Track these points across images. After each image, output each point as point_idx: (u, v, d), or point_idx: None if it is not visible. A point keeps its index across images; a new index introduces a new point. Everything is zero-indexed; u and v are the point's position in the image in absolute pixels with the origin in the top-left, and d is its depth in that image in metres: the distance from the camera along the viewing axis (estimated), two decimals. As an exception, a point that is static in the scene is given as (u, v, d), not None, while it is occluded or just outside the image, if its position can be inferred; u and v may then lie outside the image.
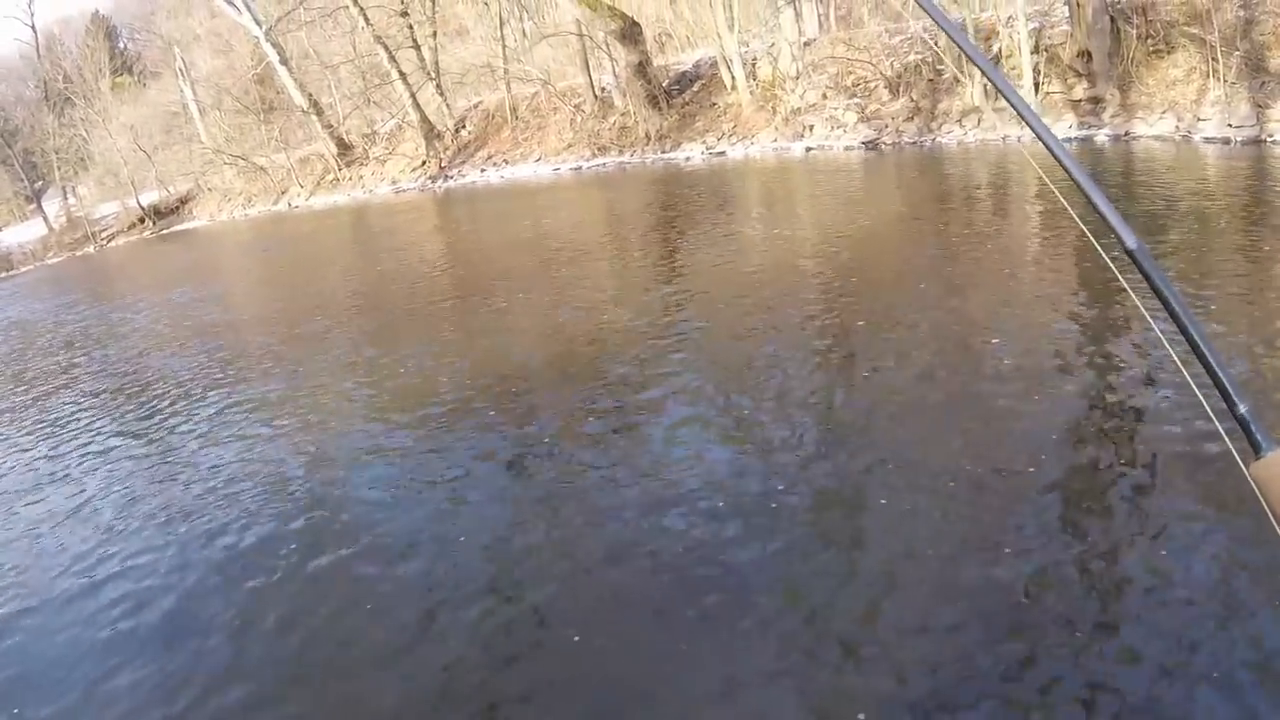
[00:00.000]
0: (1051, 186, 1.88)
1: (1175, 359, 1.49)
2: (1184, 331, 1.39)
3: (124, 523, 6.59)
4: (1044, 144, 1.54)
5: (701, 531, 4.99)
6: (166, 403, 9.60)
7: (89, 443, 8.82)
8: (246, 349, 11.56)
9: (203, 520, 6.33)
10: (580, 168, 22.11)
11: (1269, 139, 13.82)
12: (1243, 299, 7.33)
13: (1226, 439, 1.40)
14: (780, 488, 5.33)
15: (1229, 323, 6.81)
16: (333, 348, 10.57)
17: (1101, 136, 16.18)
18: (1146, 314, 1.56)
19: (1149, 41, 16.96)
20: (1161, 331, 1.59)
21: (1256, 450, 1.31)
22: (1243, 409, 1.33)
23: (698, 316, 9.01)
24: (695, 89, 21.68)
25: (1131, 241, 1.43)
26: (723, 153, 20.20)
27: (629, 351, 8.24)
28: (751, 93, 20.47)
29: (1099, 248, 1.66)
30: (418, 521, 5.74)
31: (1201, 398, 1.43)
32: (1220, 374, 1.35)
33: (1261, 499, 1.30)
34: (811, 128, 19.54)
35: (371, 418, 7.81)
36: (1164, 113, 16.03)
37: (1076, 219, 1.82)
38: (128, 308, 17.60)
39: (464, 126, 25.21)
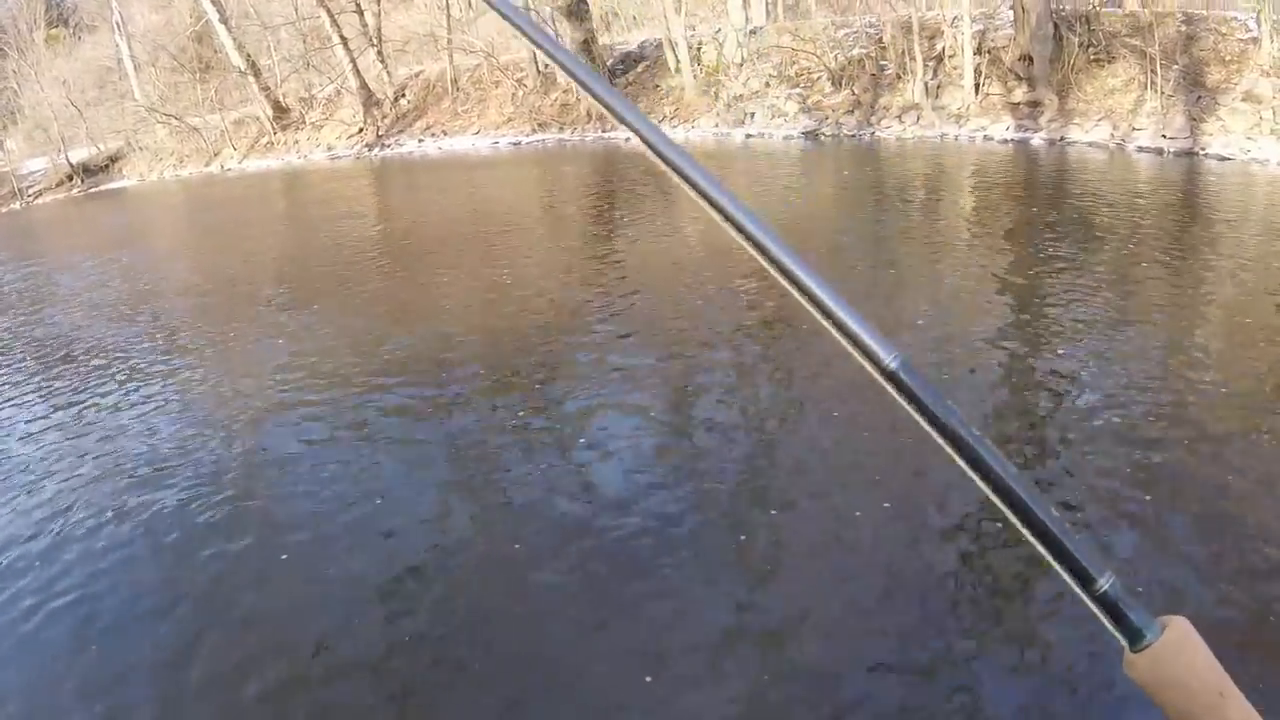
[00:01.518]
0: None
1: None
2: (997, 489, 0.87)
3: (40, 491, 6.23)
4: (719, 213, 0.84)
5: (624, 514, 4.91)
6: (87, 369, 9.16)
7: (6, 405, 8.38)
8: (174, 314, 11.13)
9: (119, 488, 6.03)
10: (520, 143, 21.74)
11: (1201, 151, 14.01)
12: (1162, 310, 7.38)
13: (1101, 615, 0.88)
14: (705, 470, 5.29)
15: (1147, 334, 6.85)
16: (261, 317, 10.22)
17: (1037, 140, 16.30)
18: None
19: (1090, 50, 17.14)
20: None
21: (1133, 640, 0.86)
22: (1104, 584, 0.87)
23: (630, 296, 8.96)
24: (639, 70, 21.44)
25: (892, 360, 0.87)
26: (663, 135, 19.98)
27: (560, 329, 8.18)
28: (695, 77, 20.28)
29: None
30: (337, 495, 5.56)
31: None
32: (1062, 538, 0.86)
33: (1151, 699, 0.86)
34: (752, 115, 19.41)
35: (297, 388, 7.57)
36: (1100, 120, 16.21)
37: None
38: (53, 269, 16.80)
39: (403, 95, 24.63)
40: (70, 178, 35.31)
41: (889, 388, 0.87)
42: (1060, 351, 6.63)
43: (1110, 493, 4.68)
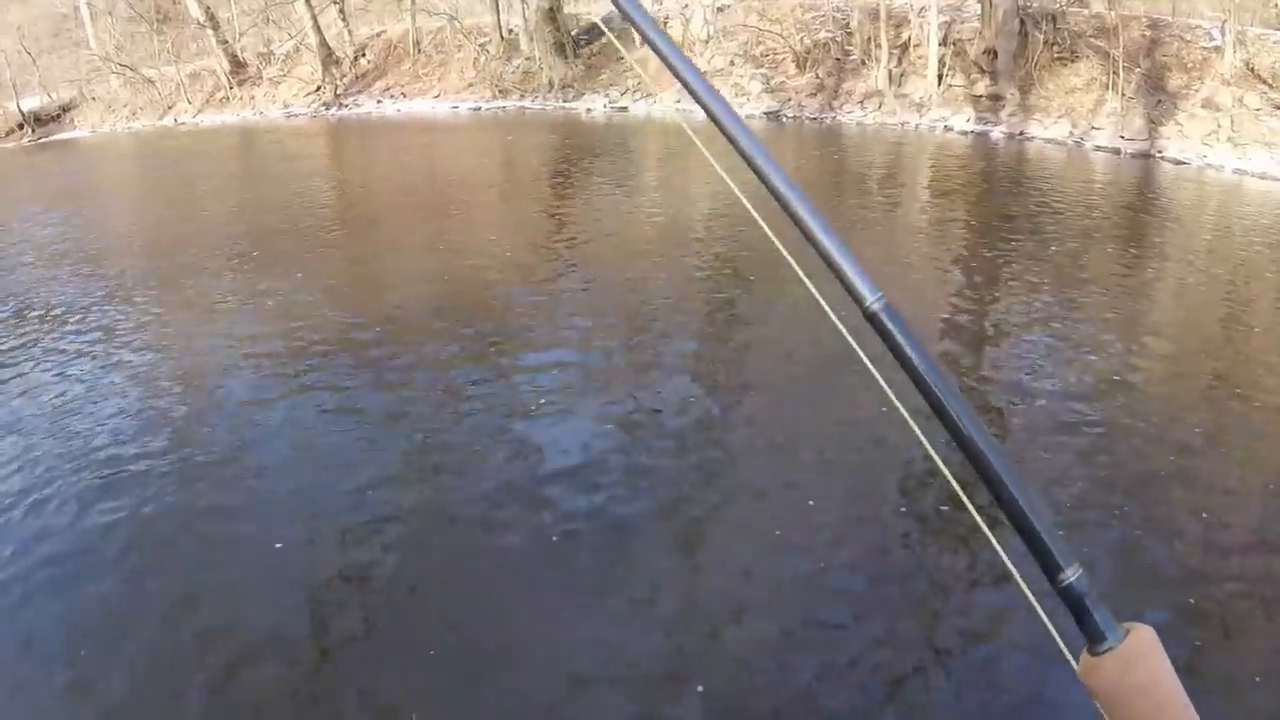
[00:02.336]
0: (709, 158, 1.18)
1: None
2: (971, 455, 0.86)
3: None
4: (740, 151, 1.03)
5: (570, 488, 4.84)
6: (31, 327, 8.72)
7: None
8: (119, 273, 10.69)
9: (68, 451, 5.77)
10: (480, 108, 21.37)
11: (1158, 154, 14.09)
12: (1112, 305, 7.38)
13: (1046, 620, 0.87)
14: (654, 435, 5.27)
15: (1098, 325, 6.82)
16: (211, 275, 9.87)
17: (997, 133, 16.31)
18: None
19: (1054, 48, 17.18)
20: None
21: (1093, 640, 0.82)
22: (1071, 575, 0.83)
23: (583, 269, 8.88)
24: (604, 41, 21.13)
25: (875, 301, 0.93)
26: (625, 108, 19.75)
27: (511, 298, 8.07)
28: (660, 51, 20.05)
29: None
30: (279, 461, 5.43)
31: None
32: (1034, 522, 0.83)
33: (1099, 708, 0.81)
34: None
35: (243, 350, 7.35)
36: (1060, 117, 16.26)
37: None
38: (3, 220, 16.24)
39: (364, 55, 24.12)
40: (21, 126, 34.23)
41: (871, 328, 0.92)
42: (1009, 340, 6.61)
43: (1056, 472, 4.67)
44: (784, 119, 18.19)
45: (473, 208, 12.21)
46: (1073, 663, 0.83)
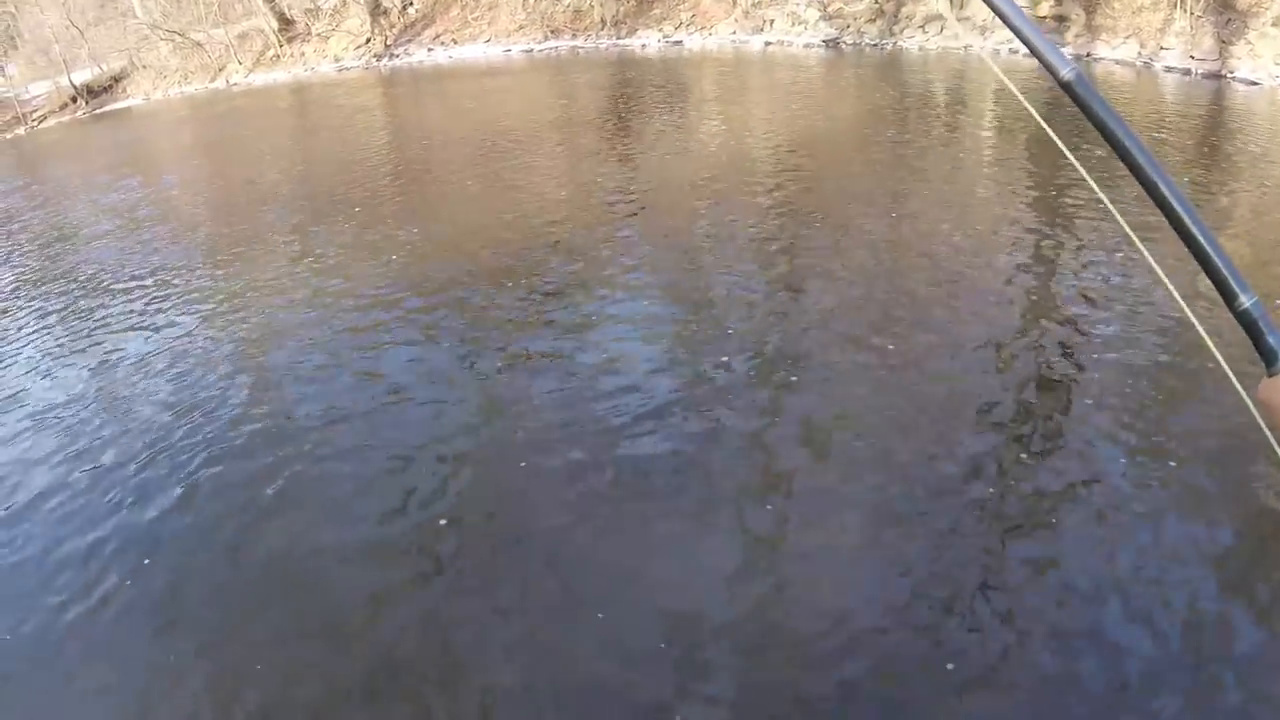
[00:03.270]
0: (1014, 90, 1.39)
1: (1147, 256, 1.20)
2: (1152, 194, 1.00)
3: (66, 418, 6.17)
4: None
5: (636, 422, 4.85)
6: (113, 295, 8.95)
7: (33, 335, 8.24)
8: (188, 236, 10.91)
9: (145, 412, 5.99)
10: (531, 50, 21.26)
11: (1229, 74, 13.65)
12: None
13: (1216, 354, 1.01)
14: (717, 382, 5.18)
15: (1172, 248, 6.56)
16: (276, 234, 10.03)
17: (1063, 53, 15.91)
18: (1112, 208, 1.22)
19: (1119, -35, 16.67)
20: (1130, 227, 1.23)
21: (1270, 362, 0.92)
22: (1246, 301, 0.94)
23: (645, 208, 8.76)
24: (655, -25, 20.90)
25: (1067, 71, 1.06)
26: (679, 42, 19.54)
27: (573, 241, 8.02)
28: (713, -18, 19.77)
29: (1061, 144, 1.30)
30: (357, 410, 5.53)
31: (1185, 306, 1.09)
32: (1211, 251, 0.96)
33: (1266, 429, 0.92)
34: (772, 22, 18.95)
35: (313, 304, 7.50)
36: (1128, 38, 15.79)
37: (1039, 120, 1.35)
38: (64, 195, 16.51)
39: (411, 3, 24.07)
40: (74, 99, 34.76)
41: (1066, 95, 1.06)
42: (1083, 263, 6.44)
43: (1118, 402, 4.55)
44: (843, 46, 17.89)
45: (532, 152, 12.14)
46: (1235, 382, 0.95)
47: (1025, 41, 1.10)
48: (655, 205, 8.85)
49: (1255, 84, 13.07)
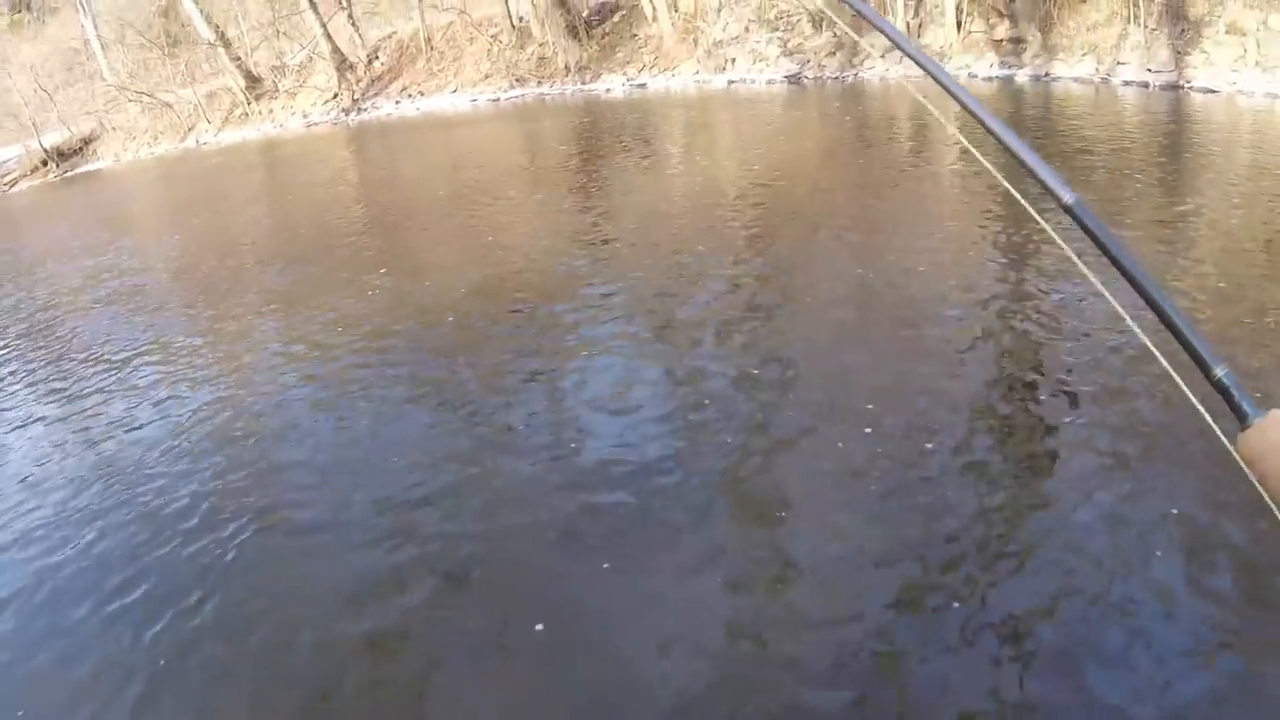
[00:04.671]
0: (961, 139, 1.74)
1: (1123, 315, 1.34)
2: (1140, 290, 1.19)
3: (45, 483, 6.17)
4: (958, 101, 1.43)
5: (618, 470, 4.84)
6: (82, 356, 8.98)
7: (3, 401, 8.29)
8: (153, 293, 10.94)
9: (124, 477, 5.95)
10: (498, 99, 21.43)
11: (1186, 85, 13.84)
12: (1164, 243, 7.21)
13: (1204, 413, 1.18)
14: (694, 423, 5.20)
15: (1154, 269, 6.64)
16: (248, 292, 10.01)
17: (1022, 76, 16.11)
18: (1087, 271, 1.34)
19: (1072, -15, 16.93)
20: (1106, 289, 1.36)
21: (1241, 419, 1.12)
22: (1219, 372, 1.13)
23: (618, 250, 8.80)
24: (615, 20, 21.10)
25: (1068, 196, 1.25)
26: (644, 85, 19.73)
27: (549, 286, 8.05)
28: (673, 24, 19.98)
29: (1025, 204, 1.50)
30: (336, 462, 5.53)
31: (1168, 367, 1.22)
32: (1188, 333, 1.15)
33: (1252, 476, 1.10)
34: (734, 61, 19.15)
35: (289, 359, 7.53)
36: (1084, 55, 16.00)
37: (994, 170, 1.63)
38: (36, 258, 16.52)
39: (377, 57, 24.23)
40: (45, 163, 34.74)
41: (1069, 217, 1.24)
42: (1051, 282, 6.49)
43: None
44: (805, 81, 18.09)
45: (500, 199, 12.17)
46: (1228, 446, 1.12)
47: (1027, 168, 1.29)
48: (625, 245, 8.93)
49: (1213, 91, 13.26)
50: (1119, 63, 15.26)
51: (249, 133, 25.93)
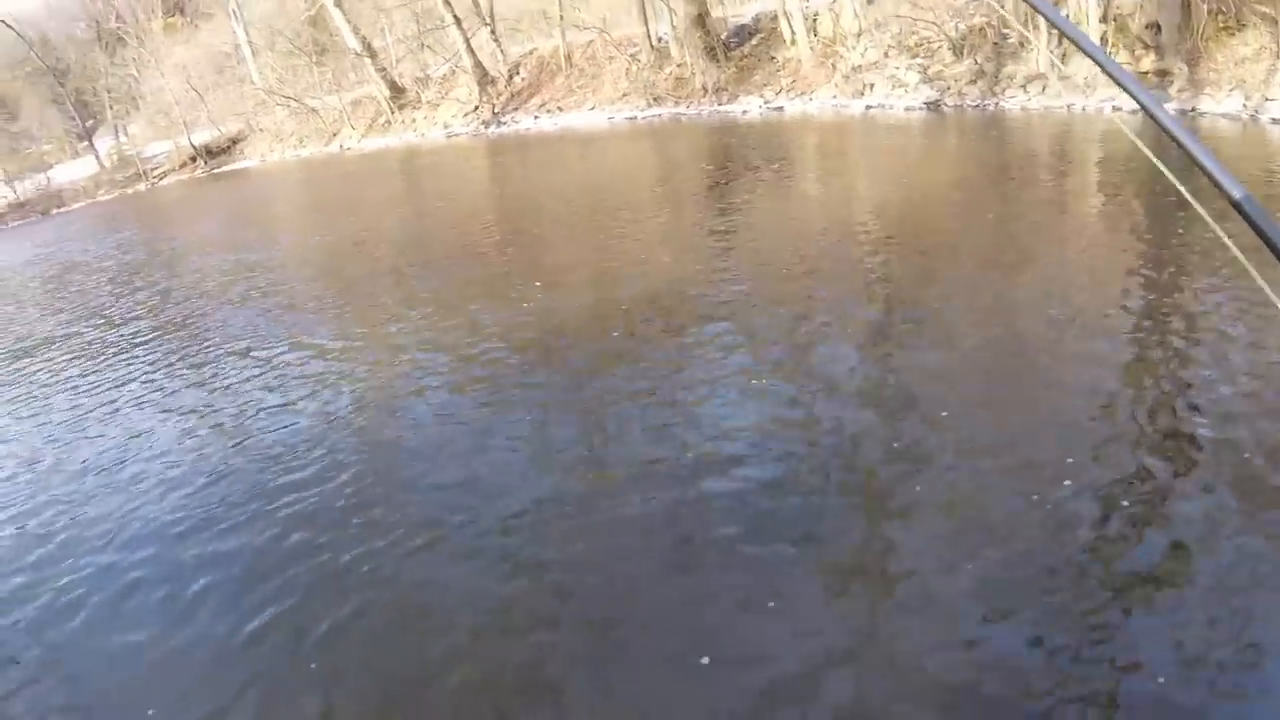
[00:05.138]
0: (1140, 145, 1.61)
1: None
2: None
3: (178, 469, 6.74)
4: (1127, 91, 1.40)
5: (737, 486, 4.99)
6: (224, 349, 9.73)
7: (143, 384, 9.05)
8: (298, 291, 11.75)
9: (254, 461, 6.51)
10: (635, 117, 22.05)
11: None
12: None
13: None
14: (820, 447, 5.29)
15: None
16: (382, 292, 10.70)
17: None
18: (1263, 282, 1.32)
19: (1219, 17, 16.58)
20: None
21: None
22: None
23: (746, 271, 8.94)
24: (754, 42, 21.49)
25: (1237, 192, 1.22)
26: (780, 107, 20.06)
27: (676, 302, 8.23)
28: (811, 48, 20.27)
29: (1195, 203, 1.50)
30: (459, 469, 5.83)
31: None
32: None
33: None
34: (872, 86, 19.34)
35: (416, 364, 7.94)
36: (1232, 90, 15.70)
37: (1166, 171, 1.54)
38: (184, 249, 17.84)
39: (518, 73, 25.19)
40: (193, 159, 37.03)
41: (1238, 213, 1.20)
42: (1200, 322, 6.29)
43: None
44: (944, 108, 18.15)
45: (632, 216, 12.59)
46: None
47: (1199, 164, 1.26)
48: (756, 267, 9.08)
49: (1366, 128, 12.93)
50: (1267, 99, 14.92)
51: (391, 140, 27.19)
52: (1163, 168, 1.51)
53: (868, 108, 19.02)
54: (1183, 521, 4.19)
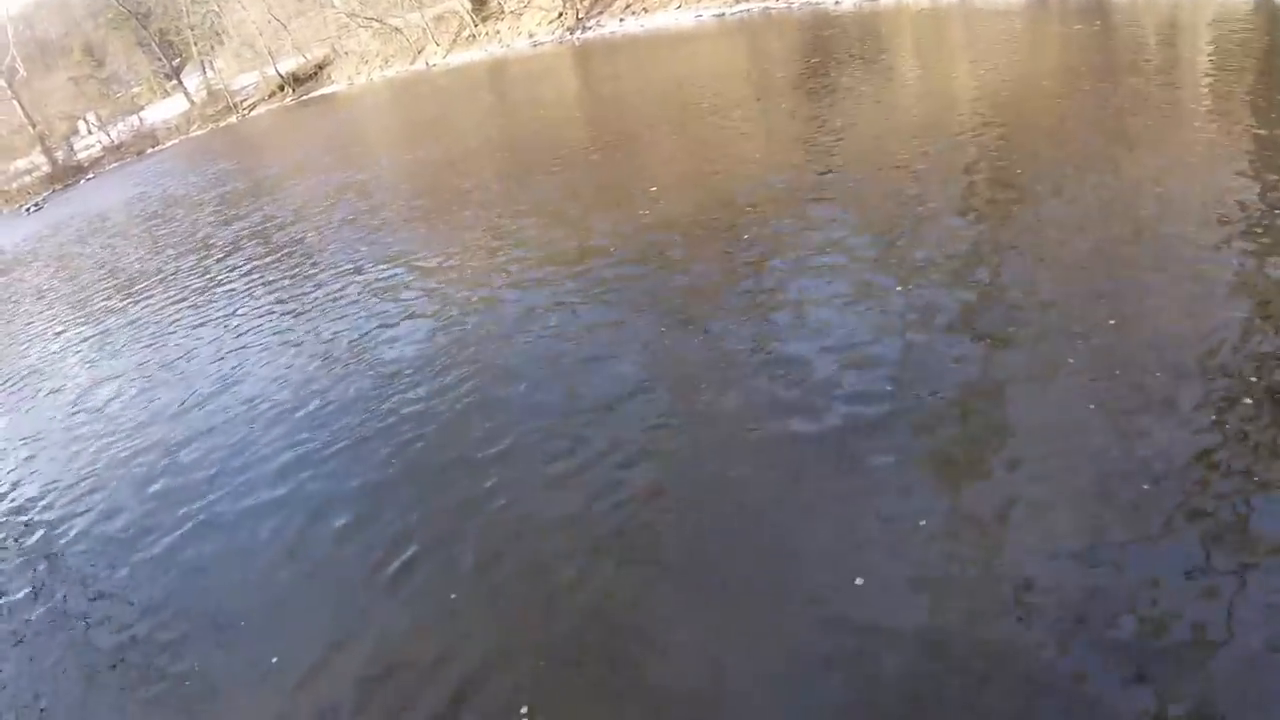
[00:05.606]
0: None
1: None
2: None
3: (290, 395, 7.10)
4: None
5: (829, 407, 4.92)
6: (322, 270, 10.14)
7: (253, 313, 9.49)
8: (392, 211, 12.03)
9: (358, 372, 6.90)
10: (723, 14, 21.64)
11: None
12: None
13: None
14: (916, 373, 5.10)
15: None
16: (476, 206, 10.88)
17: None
18: None
19: None
20: None
21: None
22: None
23: (845, 173, 8.80)
24: (847, -71, 20.76)
25: None
26: (874, -3, 19.49)
27: (774, 209, 8.13)
28: (908, -69, 19.53)
29: None
30: (555, 380, 6.00)
31: None
32: None
33: None
34: (972, -33, 18.62)
35: (514, 275, 8.12)
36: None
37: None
38: (279, 176, 18.39)
39: (602, -24, 24.92)
40: (281, 88, 37.77)
41: None
42: None
43: None
44: (1049, -12, 17.42)
45: (727, 116, 12.45)
46: None
47: None
48: (853, 167, 8.95)
49: None
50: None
51: (476, 54, 27.25)
52: None
53: (968, -11, 18.34)
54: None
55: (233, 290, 10.57)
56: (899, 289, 6.06)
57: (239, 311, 9.65)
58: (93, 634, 4.95)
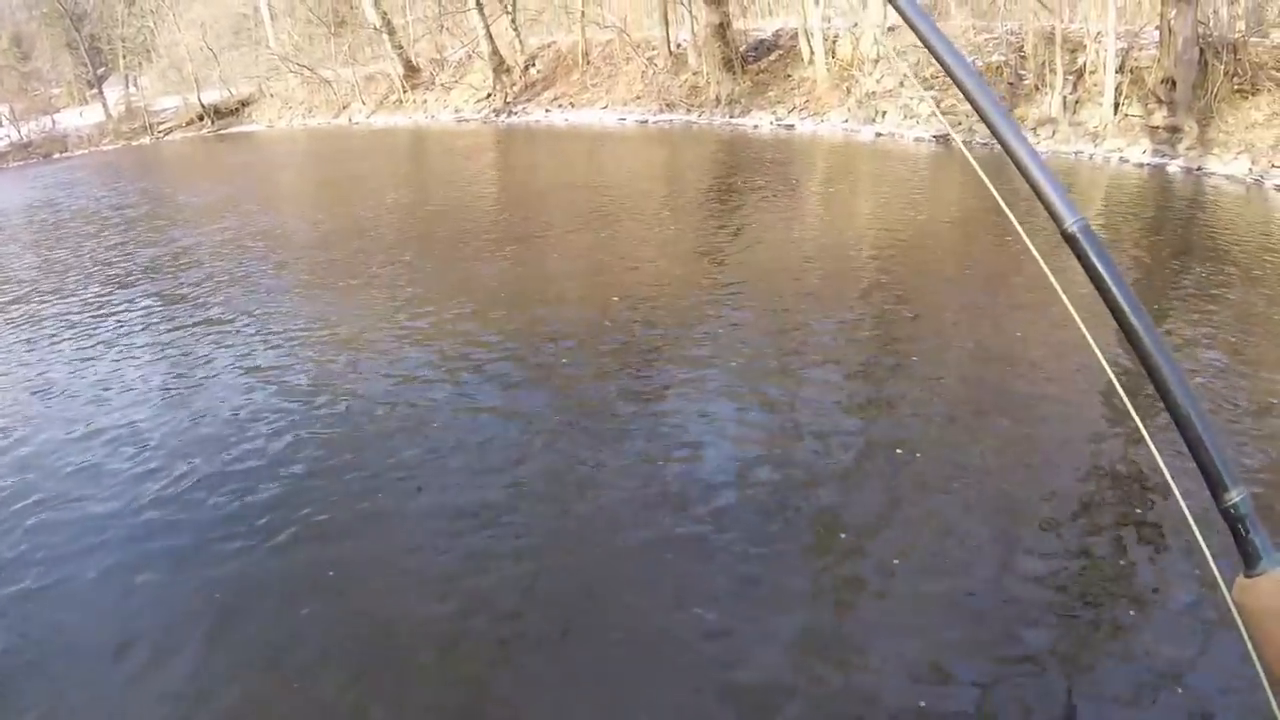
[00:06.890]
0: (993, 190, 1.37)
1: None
2: (1145, 361, 0.96)
3: (140, 437, 6.64)
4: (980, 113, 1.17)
5: (712, 513, 4.94)
6: (197, 310, 9.78)
7: (119, 347, 8.98)
8: (286, 265, 11.71)
9: (216, 450, 6.33)
10: (646, 121, 22.04)
11: None
12: None
13: (1202, 544, 0.94)
14: (800, 477, 5.25)
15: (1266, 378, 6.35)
16: (372, 275, 10.66)
17: (1173, 167, 15.97)
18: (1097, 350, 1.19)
19: (1235, 80, 16.70)
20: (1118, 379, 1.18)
21: (1249, 563, 0.87)
22: (1235, 496, 0.88)
23: (742, 290, 8.91)
24: (772, 58, 21.52)
25: (1072, 224, 1.04)
26: (791, 125, 20.09)
27: (668, 316, 8.20)
28: (828, 70, 20.32)
29: (1022, 232, 1.34)
30: (434, 470, 5.74)
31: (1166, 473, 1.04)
32: (1205, 437, 0.90)
33: (1244, 632, 0.87)
34: (884, 114, 19.39)
35: (398, 352, 7.89)
36: (1240, 153, 15.81)
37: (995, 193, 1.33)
38: (181, 207, 17.74)
39: (534, 64, 25.15)
40: (201, 117, 36.84)
41: (1069, 247, 1.02)
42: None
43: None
44: (953, 143, 18.23)
45: (636, 219, 12.58)
46: (1222, 585, 0.89)
47: (1034, 186, 1.08)
48: (751, 285, 9.07)
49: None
50: (1274, 165, 15.05)
51: (400, 119, 27.11)
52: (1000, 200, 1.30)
53: (877, 134, 19.08)
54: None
55: (117, 323, 9.91)
56: (784, 400, 6.23)
57: (106, 342, 9.16)
58: None
